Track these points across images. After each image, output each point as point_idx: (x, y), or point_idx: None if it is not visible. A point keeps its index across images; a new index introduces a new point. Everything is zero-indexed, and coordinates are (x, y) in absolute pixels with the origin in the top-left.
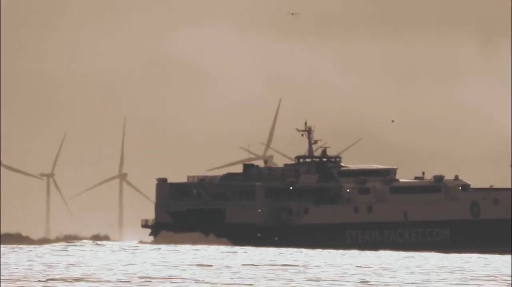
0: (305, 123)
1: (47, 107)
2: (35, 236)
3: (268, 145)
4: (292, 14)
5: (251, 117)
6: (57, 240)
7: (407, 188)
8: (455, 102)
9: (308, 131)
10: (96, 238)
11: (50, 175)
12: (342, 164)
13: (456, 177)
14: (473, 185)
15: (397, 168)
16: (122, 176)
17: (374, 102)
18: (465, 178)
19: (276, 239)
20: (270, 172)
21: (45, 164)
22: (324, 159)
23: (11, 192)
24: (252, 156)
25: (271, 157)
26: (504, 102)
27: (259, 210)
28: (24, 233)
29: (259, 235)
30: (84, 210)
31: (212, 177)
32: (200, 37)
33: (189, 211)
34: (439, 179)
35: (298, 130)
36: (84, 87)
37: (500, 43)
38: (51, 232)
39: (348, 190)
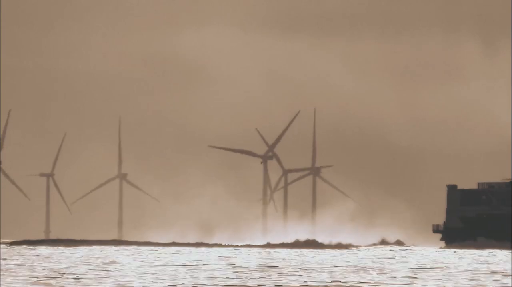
0: None
1: (47, 107)
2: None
3: None
4: None
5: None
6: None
7: None
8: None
9: None
10: (399, 243)
11: (50, 175)
12: None
13: None
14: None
15: None
16: (122, 176)
17: None
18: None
19: None
20: None
21: (45, 164)
22: None
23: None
24: None
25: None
26: (506, 101)
27: None
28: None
29: None
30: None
31: (500, 184)
32: (203, 36)
33: (479, 216)
34: None
35: None
36: (85, 87)
37: (501, 43)
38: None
39: None
